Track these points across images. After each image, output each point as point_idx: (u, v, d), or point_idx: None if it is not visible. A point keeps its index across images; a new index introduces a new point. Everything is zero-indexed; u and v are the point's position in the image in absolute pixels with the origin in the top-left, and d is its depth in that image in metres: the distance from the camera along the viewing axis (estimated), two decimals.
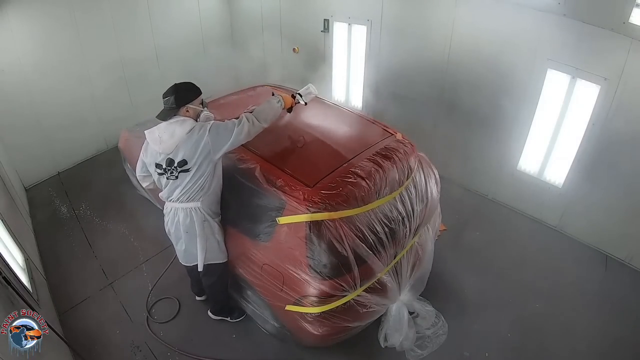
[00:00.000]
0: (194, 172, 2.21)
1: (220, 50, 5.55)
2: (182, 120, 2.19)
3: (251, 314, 2.80)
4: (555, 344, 2.75)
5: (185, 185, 2.24)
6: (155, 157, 2.25)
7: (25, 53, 3.84)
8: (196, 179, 2.24)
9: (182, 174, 2.22)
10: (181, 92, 2.21)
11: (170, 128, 2.18)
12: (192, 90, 2.26)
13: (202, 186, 2.27)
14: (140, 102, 4.76)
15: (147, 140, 2.28)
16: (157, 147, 2.21)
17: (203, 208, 2.34)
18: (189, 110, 2.23)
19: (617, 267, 3.34)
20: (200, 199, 2.31)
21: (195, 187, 2.26)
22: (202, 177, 2.24)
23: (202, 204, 2.33)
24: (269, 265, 2.34)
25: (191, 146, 2.17)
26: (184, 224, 2.36)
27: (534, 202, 3.75)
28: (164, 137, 2.18)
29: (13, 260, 2.49)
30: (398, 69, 4.20)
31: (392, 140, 2.70)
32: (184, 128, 2.16)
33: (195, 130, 2.18)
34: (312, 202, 2.18)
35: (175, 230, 2.42)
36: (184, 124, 2.18)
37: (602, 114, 3.05)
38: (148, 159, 2.32)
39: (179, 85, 2.25)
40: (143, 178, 2.50)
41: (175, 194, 2.29)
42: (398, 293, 2.52)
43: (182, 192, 2.27)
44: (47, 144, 4.24)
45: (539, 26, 3.16)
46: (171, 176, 2.24)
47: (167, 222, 2.46)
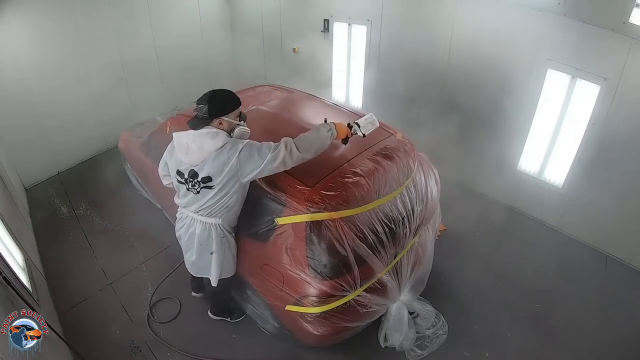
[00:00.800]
0: (217, 191, 2.07)
1: (220, 51, 5.56)
2: (214, 133, 2.01)
3: (251, 314, 2.80)
4: (555, 344, 2.75)
5: (206, 202, 2.11)
6: (179, 165, 2.12)
7: (25, 53, 3.84)
8: (219, 198, 2.09)
9: (205, 190, 2.08)
10: (217, 102, 2.03)
11: (201, 139, 2.01)
12: (229, 101, 2.07)
13: (225, 205, 2.13)
14: (140, 102, 4.77)
15: (173, 143, 2.15)
16: (183, 156, 2.07)
17: (223, 225, 2.23)
18: (223, 123, 2.05)
19: (617, 267, 3.34)
20: (222, 216, 2.19)
21: (217, 205, 2.13)
22: (226, 196, 2.10)
23: (223, 220, 2.21)
24: (269, 266, 2.34)
25: (219, 164, 2.00)
26: (201, 237, 2.24)
27: (534, 202, 3.75)
28: (193, 147, 2.02)
29: (13, 260, 2.49)
30: (398, 69, 4.20)
31: (392, 140, 2.70)
32: (215, 143, 1.99)
33: (226, 147, 2.00)
34: (312, 202, 2.18)
35: (188, 240, 2.32)
36: (216, 138, 2.00)
37: (602, 114, 3.05)
38: (171, 164, 2.19)
39: (216, 93, 2.06)
40: (164, 177, 2.40)
41: (194, 207, 2.18)
42: (398, 293, 2.52)
43: (201, 206, 2.15)
44: (47, 144, 4.24)
45: (539, 26, 3.16)
46: (192, 189, 2.12)
47: (181, 228, 2.35)
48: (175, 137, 2.12)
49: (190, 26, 5.15)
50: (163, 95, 4.95)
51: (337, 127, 2.21)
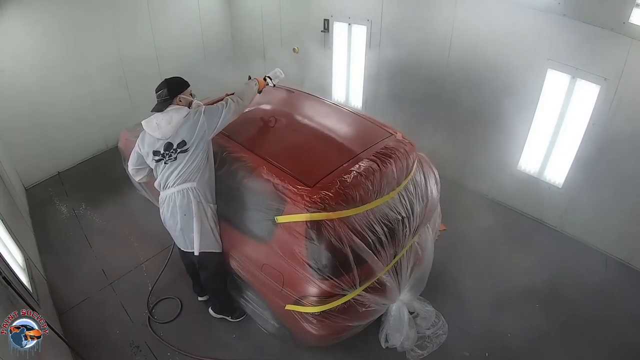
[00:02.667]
0: (192, 152, 2.37)
1: (220, 50, 5.56)
2: (177, 108, 2.39)
3: (251, 314, 2.80)
4: (555, 344, 2.75)
5: (183, 165, 2.38)
6: (153, 145, 2.40)
7: (25, 53, 3.84)
8: (194, 159, 2.38)
9: (181, 155, 2.37)
10: (173, 84, 2.44)
11: (168, 115, 2.36)
12: (182, 83, 2.49)
13: (198, 166, 2.41)
14: (140, 102, 4.74)
15: (143, 131, 2.44)
16: (156, 134, 2.36)
17: (199, 189, 2.44)
18: (182, 100, 2.44)
19: (617, 267, 3.34)
20: (196, 179, 2.43)
21: (192, 167, 2.39)
22: (199, 156, 2.40)
23: (198, 184, 2.44)
24: (269, 265, 2.34)
25: (189, 128, 2.35)
26: (181, 207, 2.44)
27: (534, 202, 3.75)
28: (162, 123, 2.35)
29: (13, 260, 2.49)
30: (398, 69, 4.20)
31: (392, 140, 2.69)
32: (180, 114, 2.36)
33: (191, 114, 2.38)
34: (312, 202, 2.18)
35: (171, 216, 2.50)
36: (180, 111, 2.37)
37: (602, 114, 3.05)
38: (145, 149, 2.45)
39: (169, 79, 2.47)
40: (136, 171, 2.61)
41: (172, 177, 2.41)
42: (398, 293, 2.52)
43: (179, 173, 2.39)
44: (47, 144, 4.24)
45: (539, 26, 3.16)
46: (169, 159, 2.39)
47: (163, 211, 2.54)
48: (144, 123, 2.43)
49: (191, 26, 5.15)
50: None
51: (258, 81, 2.79)
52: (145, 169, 2.57)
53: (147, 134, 2.42)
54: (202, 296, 3.01)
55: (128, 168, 2.64)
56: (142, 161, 2.53)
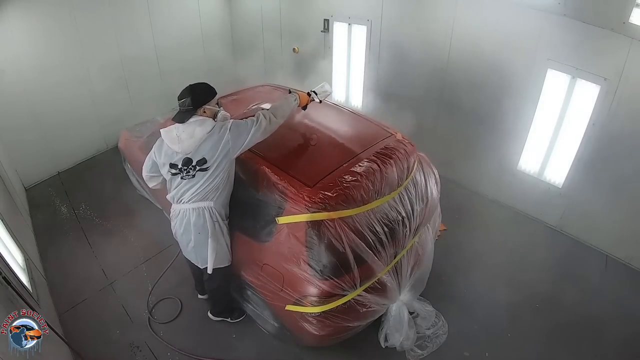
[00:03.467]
0: (212, 171, 2.20)
1: (220, 50, 5.56)
2: (201, 121, 2.18)
3: (251, 314, 2.80)
4: (555, 344, 2.75)
5: (201, 184, 2.22)
6: (171, 157, 2.21)
7: (25, 53, 3.84)
8: (213, 178, 2.22)
9: (200, 173, 2.20)
10: (197, 93, 2.20)
11: (190, 128, 2.16)
12: (208, 91, 2.25)
13: (217, 186, 2.25)
14: (140, 102, 4.76)
15: (161, 140, 2.25)
16: (175, 147, 2.18)
17: (216, 207, 2.31)
18: (206, 111, 2.22)
19: (617, 267, 3.34)
20: (214, 198, 2.28)
21: (211, 187, 2.24)
22: (219, 176, 2.23)
23: (215, 203, 2.30)
24: (269, 265, 2.34)
25: (212, 145, 2.16)
26: (197, 225, 2.31)
27: (534, 202, 3.75)
28: (183, 137, 2.15)
29: (13, 260, 2.49)
30: (398, 69, 4.20)
31: (392, 140, 2.69)
32: (204, 128, 2.15)
33: (215, 129, 2.17)
34: (312, 202, 2.18)
35: (184, 232, 2.37)
36: (204, 124, 2.17)
37: (602, 114, 3.05)
38: (162, 159, 2.26)
39: (195, 86, 2.23)
40: (150, 178, 2.46)
41: (188, 194, 2.26)
42: (398, 293, 2.52)
43: (196, 191, 2.24)
44: (47, 144, 4.24)
45: (539, 26, 3.16)
46: (187, 175, 2.21)
47: (175, 224, 2.42)
48: (163, 132, 2.24)
49: (190, 26, 5.14)
50: (163, 95, 4.93)
51: (300, 96, 2.53)
52: (159, 177, 2.41)
53: (166, 145, 2.22)
54: (202, 295, 3.00)
55: (142, 173, 2.47)
56: (156, 169, 2.36)
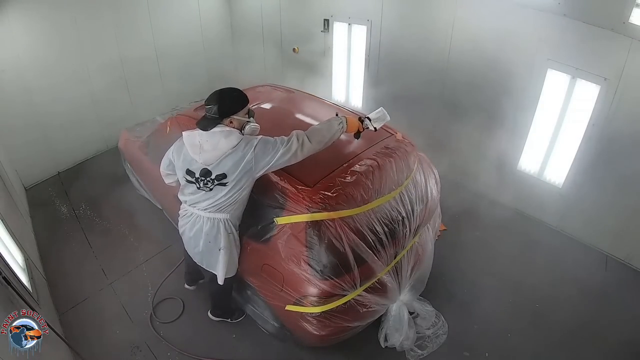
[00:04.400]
0: (231, 187, 2.09)
1: (220, 50, 5.56)
2: (227, 132, 2.03)
3: (251, 314, 2.80)
4: (555, 344, 2.75)
5: (218, 198, 2.13)
6: (190, 164, 2.12)
7: (25, 53, 3.84)
8: (232, 194, 2.12)
9: (218, 187, 2.10)
10: (226, 101, 2.05)
11: (214, 139, 2.03)
12: (238, 100, 2.09)
13: (235, 200, 2.16)
14: (140, 102, 4.77)
15: (182, 143, 2.15)
16: (196, 156, 2.07)
17: (231, 220, 2.25)
18: (233, 122, 2.07)
19: (617, 267, 3.34)
20: (231, 212, 2.21)
21: (228, 201, 2.15)
22: (238, 192, 2.13)
23: (231, 216, 2.23)
24: (269, 265, 2.34)
25: (235, 162, 2.03)
26: (209, 234, 2.24)
27: (534, 202, 3.75)
28: (206, 147, 2.04)
29: (13, 260, 2.49)
30: (398, 69, 4.20)
31: (393, 140, 2.70)
32: (229, 142, 2.02)
33: (241, 145, 2.03)
34: (312, 202, 2.18)
35: (194, 236, 2.30)
36: (230, 137, 2.03)
37: (602, 114, 3.05)
38: (180, 162, 2.17)
39: (224, 92, 2.09)
40: (167, 175, 2.39)
41: (204, 204, 2.18)
42: (398, 293, 2.52)
43: (213, 204, 2.15)
44: (47, 144, 4.24)
45: (539, 26, 3.16)
46: (204, 187, 2.12)
47: (185, 225, 2.34)
48: (186, 136, 2.12)
49: (190, 26, 5.15)
50: (163, 95, 4.95)
51: (348, 121, 2.27)
52: (176, 175, 2.30)
53: (186, 149, 2.11)
54: (191, 285, 2.98)
55: (160, 168, 2.41)
56: (173, 168, 2.28)
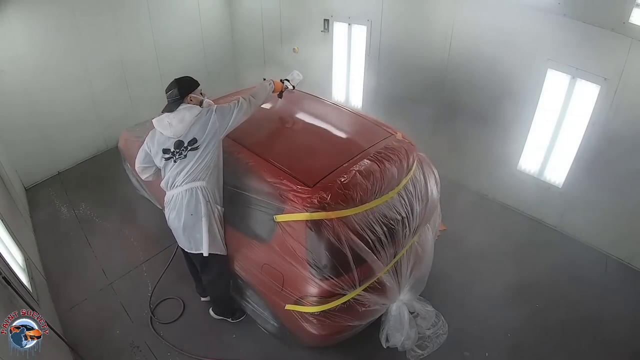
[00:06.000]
0: (202, 149, 2.35)
1: (220, 50, 5.56)
2: (189, 107, 2.39)
3: (251, 314, 2.80)
4: (555, 344, 2.75)
5: (193, 163, 2.36)
6: (164, 143, 2.39)
7: (25, 53, 3.85)
8: (204, 157, 2.37)
9: (191, 152, 2.36)
10: (183, 84, 2.44)
11: (180, 114, 2.36)
12: (192, 82, 2.50)
13: (208, 165, 2.39)
14: (140, 102, 4.77)
15: (153, 130, 2.44)
16: (167, 132, 2.36)
17: (208, 187, 2.41)
18: (192, 99, 2.44)
19: (617, 267, 3.34)
20: (205, 178, 2.40)
21: (202, 166, 2.37)
22: (209, 155, 2.38)
23: (207, 183, 2.41)
24: (269, 265, 2.34)
25: (200, 126, 2.35)
26: (189, 206, 2.40)
27: (534, 202, 3.75)
28: (174, 122, 2.34)
29: (13, 260, 2.49)
30: (398, 69, 4.20)
31: (392, 140, 2.70)
32: (192, 112, 2.36)
33: (202, 112, 2.38)
34: (312, 201, 2.18)
35: (177, 215, 2.44)
36: (192, 110, 2.38)
37: (602, 114, 3.05)
38: (155, 147, 2.43)
39: (179, 79, 2.47)
40: (143, 169, 2.58)
41: (181, 175, 2.39)
42: (398, 293, 2.51)
43: (189, 171, 2.37)
44: (47, 144, 4.24)
45: (539, 26, 3.16)
46: (180, 157, 2.37)
47: (168, 210, 2.49)
48: (155, 121, 2.42)
49: (190, 26, 5.15)
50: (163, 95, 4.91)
51: (274, 83, 2.78)
52: (152, 167, 2.55)
53: (158, 133, 2.41)
54: (205, 297, 3.00)
55: (135, 165, 2.61)
56: (149, 159, 2.51)
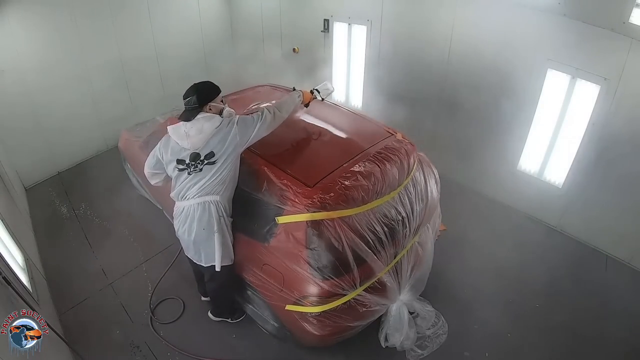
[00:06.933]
0: (220, 164, 2.24)
1: (220, 50, 5.56)
2: (209, 117, 2.24)
3: (251, 314, 2.80)
4: (555, 344, 2.75)
5: (208, 178, 2.25)
6: (178, 154, 2.25)
7: (25, 53, 3.84)
8: (220, 172, 2.25)
9: (208, 166, 2.23)
10: (202, 91, 2.27)
11: (198, 124, 2.21)
12: (212, 89, 2.32)
13: (224, 179, 2.28)
14: (140, 102, 4.77)
15: (168, 137, 2.29)
16: (184, 144, 2.22)
17: (221, 202, 2.32)
18: (212, 108, 2.28)
19: (617, 267, 3.34)
20: (220, 192, 2.30)
21: (217, 180, 2.26)
22: (226, 169, 2.26)
23: (221, 197, 2.31)
24: (269, 265, 2.34)
25: (220, 139, 2.21)
26: (202, 220, 2.31)
27: (534, 202, 3.75)
28: (192, 132, 2.20)
29: (13, 260, 2.49)
30: (398, 69, 4.20)
31: (392, 140, 2.70)
32: (212, 123, 2.21)
33: (223, 124, 2.23)
34: (312, 201, 2.18)
35: (188, 228, 2.35)
36: (212, 120, 2.22)
37: (602, 114, 3.05)
38: (168, 156, 2.29)
39: (199, 85, 2.30)
40: (153, 175, 2.46)
41: (195, 189, 2.27)
42: (398, 293, 2.52)
43: (203, 185, 2.26)
44: (47, 144, 4.24)
45: (539, 26, 3.16)
46: (195, 170, 2.24)
47: (179, 221, 2.40)
48: (171, 129, 2.27)
49: (190, 26, 5.15)
50: (163, 95, 4.95)
51: (303, 94, 2.65)
52: (162, 174, 2.42)
53: (173, 141, 2.25)
54: (206, 297, 2.98)
55: (144, 170, 2.47)
56: (160, 166, 2.37)
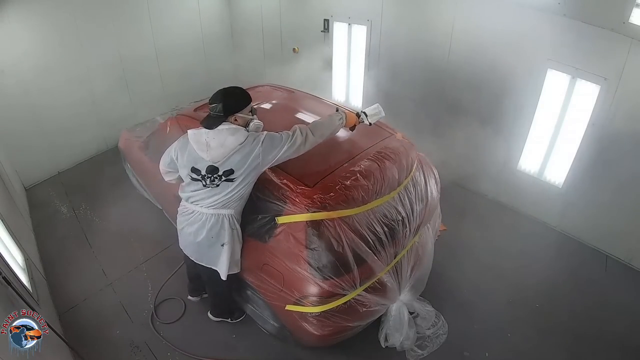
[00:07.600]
0: (238, 183, 2.12)
1: (220, 50, 5.57)
2: (233, 129, 2.08)
3: (251, 314, 2.80)
4: (555, 344, 2.75)
5: (225, 194, 2.15)
6: (195, 162, 2.13)
7: (25, 53, 3.84)
8: (238, 190, 2.15)
9: (225, 183, 2.12)
10: (231, 100, 2.09)
11: (221, 136, 2.06)
12: (242, 98, 2.13)
13: (241, 196, 2.19)
14: (140, 102, 4.77)
15: (186, 140, 2.16)
16: (203, 154, 2.09)
17: (235, 215, 2.27)
18: (238, 119, 2.11)
19: (617, 267, 3.34)
20: (235, 207, 2.24)
21: (234, 197, 2.17)
22: (244, 187, 2.16)
23: (235, 211, 2.26)
24: (269, 265, 2.34)
25: (242, 157, 2.07)
26: (211, 230, 2.24)
27: (534, 202, 3.75)
28: (213, 144, 2.06)
29: (13, 260, 2.49)
30: (398, 69, 4.20)
31: (392, 140, 2.70)
32: (236, 139, 2.06)
33: (248, 141, 2.07)
34: (312, 201, 2.18)
35: (196, 232, 2.29)
36: (237, 134, 2.07)
37: (602, 114, 3.05)
38: (184, 161, 2.17)
39: (228, 91, 2.12)
40: (167, 173, 2.39)
41: (209, 201, 2.19)
42: (398, 293, 2.52)
43: (218, 200, 2.17)
44: (47, 144, 4.24)
45: (539, 26, 3.16)
46: (211, 184, 2.14)
47: (185, 221, 2.33)
48: (191, 134, 2.13)
49: (190, 26, 5.15)
50: (163, 95, 4.95)
51: (347, 116, 2.39)
52: (175, 173, 2.33)
53: (191, 147, 2.12)
54: (194, 296, 2.97)
55: (159, 166, 2.40)
56: (174, 166, 2.27)
